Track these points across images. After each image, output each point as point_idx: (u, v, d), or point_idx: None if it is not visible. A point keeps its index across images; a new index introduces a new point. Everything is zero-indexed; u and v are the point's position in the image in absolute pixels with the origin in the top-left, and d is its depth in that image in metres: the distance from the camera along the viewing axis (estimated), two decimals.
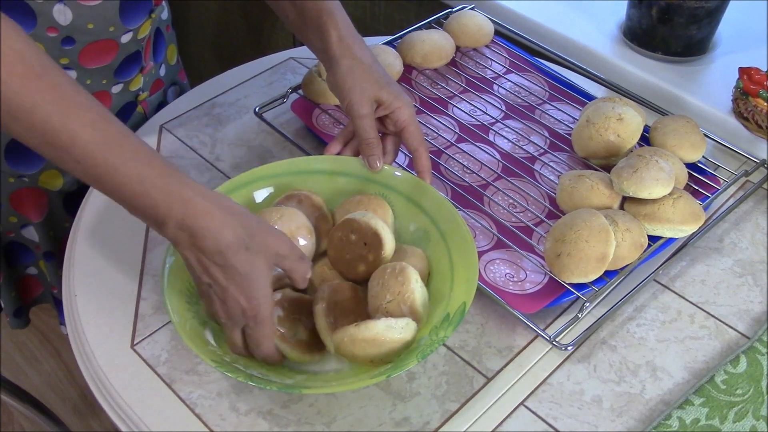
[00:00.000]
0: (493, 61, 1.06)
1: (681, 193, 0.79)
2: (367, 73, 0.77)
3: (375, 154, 0.77)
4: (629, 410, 0.69)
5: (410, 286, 0.67)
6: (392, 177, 0.78)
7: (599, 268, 0.73)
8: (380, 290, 0.68)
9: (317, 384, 0.66)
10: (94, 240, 0.83)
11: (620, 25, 1.11)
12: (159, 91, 1.05)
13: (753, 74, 0.94)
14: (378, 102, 0.77)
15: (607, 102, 0.89)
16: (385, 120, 0.79)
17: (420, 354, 0.64)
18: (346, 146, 0.82)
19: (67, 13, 0.82)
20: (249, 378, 0.62)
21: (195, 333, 0.66)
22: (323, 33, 0.78)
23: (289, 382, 0.65)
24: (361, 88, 0.76)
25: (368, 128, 0.77)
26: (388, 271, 0.69)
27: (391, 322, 0.64)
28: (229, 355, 0.66)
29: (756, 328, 0.76)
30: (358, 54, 0.77)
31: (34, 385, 1.68)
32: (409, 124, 0.78)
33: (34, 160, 0.95)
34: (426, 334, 0.67)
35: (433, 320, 0.68)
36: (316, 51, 0.81)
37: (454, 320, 0.66)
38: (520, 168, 0.89)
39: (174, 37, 1.08)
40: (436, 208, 0.76)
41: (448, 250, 0.73)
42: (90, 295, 0.77)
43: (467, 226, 0.72)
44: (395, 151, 0.82)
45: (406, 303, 0.67)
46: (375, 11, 1.44)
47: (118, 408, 0.69)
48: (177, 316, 0.66)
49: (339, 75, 0.77)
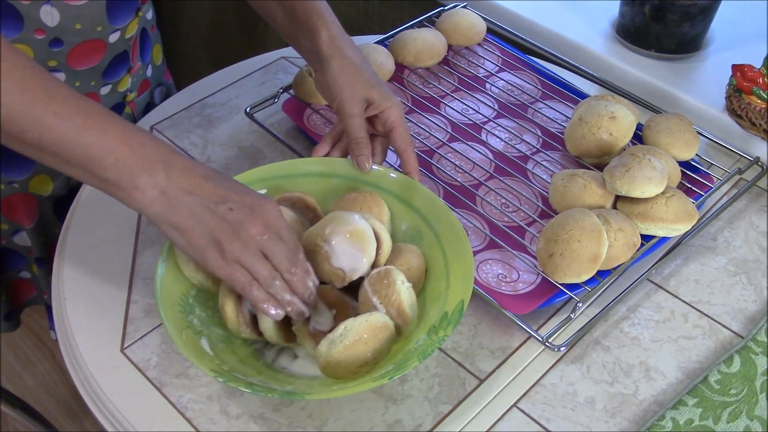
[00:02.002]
0: (486, 59, 1.06)
1: (674, 192, 0.79)
2: (358, 73, 0.77)
3: (364, 153, 0.77)
4: (622, 411, 0.69)
5: (396, 288, 0.67)
6: (382, 177, 0.78)
7: (592, 268, 0.73)
8: (367, 295, 0.67)
9: (318, 389, 0.65)
10: (84, 243, 0.82)
11: (613, 23, 1.10)
12: (146, 92, 1.05)
13: (746, 71, 0.93)
14: (368, 102, 0.77)
15: (600, 100, 0.88)
16: (374, 120, 0.79)
17: (421, 354, 0.63)
18: (335, 147, 0.82)
19: (54, 14, 0.81)
20: (250, 386, 0.62)
21: (191, 342, 0.66)
22: (313, 33, 0.77)
23: (289, 389, 0.64)
24: (351, 87, 0.76)
25: (358, 128, 0.76)
26: (374, 275, 0.68)
27: (331, 336, 0.64)
28: (227, 364, 0.65)
29: (750, 327, 0.76)
30: (349, 54, 0.77)
31: (28, 387, 1.67)
32: (398, 125, 0.77)
33: (24, 166, 0.94)
34: (424, 333, 0.66)
35: (431, 319, 0.67)
36: (305, 52, 0.81)
37: (453, 318, 0.65)
38: (512, 167, 0.89)
39: (159, 37, 1.08)
40: (427, 206, 0.76)
41: (442, 248, 0.72)
42: (79, 299, 0.77)
43: (460, 224, 0.72)
44: (384, 152, 0.82)
45: (393, 305, 0.66)
46: (368, 10, 1.43)
47: (107, 412, 0.69)
48: (172, 325, 0.65)
49: (329, 75, 0.77)
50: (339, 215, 0.70)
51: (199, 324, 0.68)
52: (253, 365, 0.68)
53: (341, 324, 0.64)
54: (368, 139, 0.77)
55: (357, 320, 0.64)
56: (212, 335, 0.68)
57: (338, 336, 0.63)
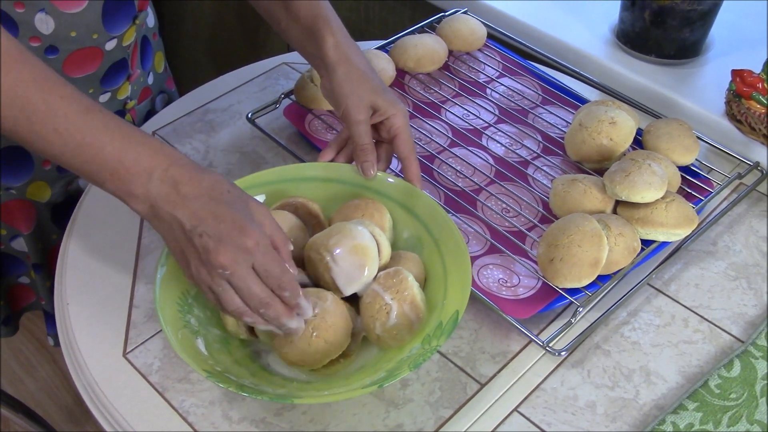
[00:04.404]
0: (486, 65, 1.06)
1: (674, 197, 0.79)
2: (364, 79, 0.77)
3: (369, 160, 0.77)
4: (623, 415, 0.69)
5: (408, 283, 0.68)
6: (386, 184, 0.78)
7: (592, 272, 0.73)
8: (375, 296, 0.68)
9: (308, 394, 0.65)
10: (86, 248, 0.82)
11: (613, 28, 1.11)
12: (147, 100, 1.05)
13: (746, 76, 0.93)
14: (374, 108, 0.77)
15: (600, 105, 0.89)
16: (379, 127, 0.79)
17: (412, 363, 0.63)
18: (340, 153, 0.82)
19: (49, 21, 0.81)
20: (240, 388, 0.62)
21: (187, 342, 0.66)
22: (318, 39, 0.77)
23: (281, 392, 0.65)
24: (357, 94, 0.76)
25: (363, 134, 0.76)
26: (382, 275, 0.69)
27: None
28: (221, 365, 0.66)
29: (750, 331, 0.76)
30: (355, 60, 0.77)
31: (29, 391, 1.67)
32: (402, 132, 0.77)
33: (22, 172, 0.94)
34: (419, 343, 0.66)
35: (426, 329, 0.68)
36: (310, 57, 0.81)
37: (447, 329, 0.65)
38: (513, 172, 0.89)
39: (161, 45, 1.08)
40: (429, 215, 0.76)
41: (442, 258, 0.72)
42: (82, 304, 0.77)
43: (461, 233, 0.72)
44: (388, 159, 0.82)
45: (406, 300, 0.67)
46: (369, 15, 1.44)
47: (110, 416, 0.69)
48: (168, 325, 0.66)
49: (335, 81, 0.77)
50: (345, 227, 0.71)
51: (197, 324, 0.69)
52: (249, 367, 0.69)
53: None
54: (373, 145, 0.77)
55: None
56: (209, 335, 0.69)
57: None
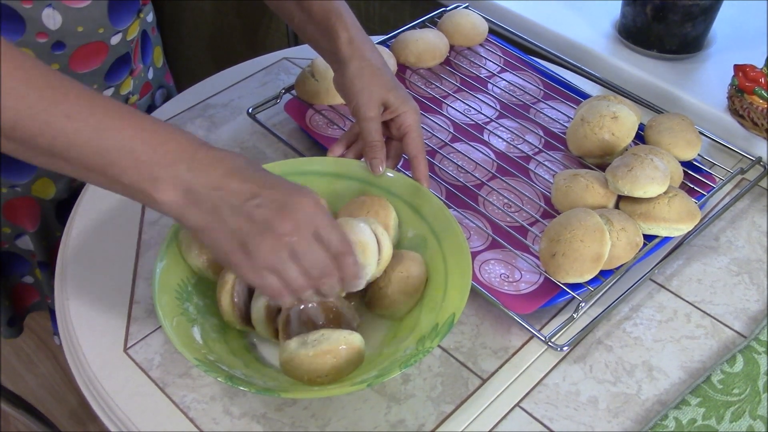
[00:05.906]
0: (488, 60, 1.06)
1: (676, 192, 0.79)
2: (376, 75, 0.76)
3: (378, 157, 0.76)
4: (625, 411, 0.69)
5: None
6: (393, 182, 0.78)
7: (594, 267, 0.73)
8: None
9: (297, 388, 0.65)
10: (87, 244, 0.82)
11: (615, 23, 1.11)
12: (147, 95, 1.05)
13: (748, 71, 0.93)
14: (385, 105, 0.76)
15: (601, 100, 0.89)
16: (389, 124, 0.78)
17: (403, 364, 0.63)
18: (350, 149, 0.81)
19: (56, 17, 0.81)
20: (229, 378, 0.61)
21: (181, 329, 0.66)
22: (332, 34, 0.77)
23: (271, 385, 0.64)
24: (369, 90, 0.75)
25: (374, 131, 0.76)
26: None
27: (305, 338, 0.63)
28: (215, 354, 0.65)
29: (752, 327, 0.76)
30: (368, 56, 0.76)
31: (31, 389, 1.67)
32: (412, 130, 0.77)
33: (26, 169, 0.94)
34: (414, 343, 0.66)
35: (422, 329, 0.67)
36: (324, 52, 0.80)
37: (442, 331, 0.65)
38: (515, 167, 0.89)
39: (159, 40, 1.08)
40: (434, 215, 0.75)
41: (444, 259, 0.72)
42: (83, 300, 0.77)
43: (464, 236, 0.72)
44: (397, 157, 0.81)
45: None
46: (370, 11, 1.44)
47: (111, 412, 0.69)
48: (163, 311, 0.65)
49: (347, 76, 0.76)
50: (347, 223, 0.70)
51: (195, 312, 0.69)
52: (243, 358, 0.69)
53: (320, 330, 0.64)
54: (383, 142, 0.77)
55: (336, 333, 0.64)
56: (206, 324, 0.69)
57: (312, 340, 0.63)
